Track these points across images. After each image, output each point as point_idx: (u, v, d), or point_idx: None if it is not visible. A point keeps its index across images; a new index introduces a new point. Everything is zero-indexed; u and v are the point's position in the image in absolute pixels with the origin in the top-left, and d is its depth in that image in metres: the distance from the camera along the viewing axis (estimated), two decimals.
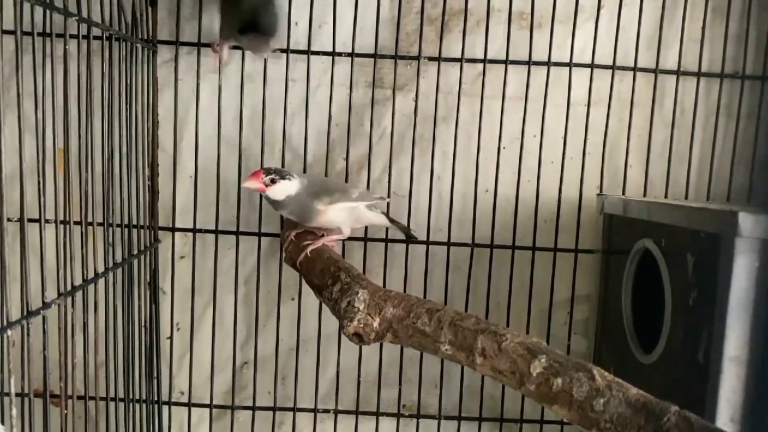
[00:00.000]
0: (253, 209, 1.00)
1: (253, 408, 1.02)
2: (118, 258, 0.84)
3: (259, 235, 1.00)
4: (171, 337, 1.01)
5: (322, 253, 0.86)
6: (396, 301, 0.74)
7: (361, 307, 0.73)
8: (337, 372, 1.01)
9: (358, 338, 0.73)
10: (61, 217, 0.69)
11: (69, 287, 0.68)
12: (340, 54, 0.97)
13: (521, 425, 1.02)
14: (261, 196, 0.99)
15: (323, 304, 0.90)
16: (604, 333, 0.94)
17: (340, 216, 0.87)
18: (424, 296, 0.99)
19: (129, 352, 0.89)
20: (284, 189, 0.84)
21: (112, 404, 0.89)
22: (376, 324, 0.73)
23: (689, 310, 0.68)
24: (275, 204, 0.86)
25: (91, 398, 0.78)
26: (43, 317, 0.61)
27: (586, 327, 1.01)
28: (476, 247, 1.00)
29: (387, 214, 0.92)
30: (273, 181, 0.84)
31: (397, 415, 1.02)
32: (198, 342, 1.01)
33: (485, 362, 0.65)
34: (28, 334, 0.58)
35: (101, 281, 0.77)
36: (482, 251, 1.00)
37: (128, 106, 0.87)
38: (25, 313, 0.59)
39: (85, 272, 0.72)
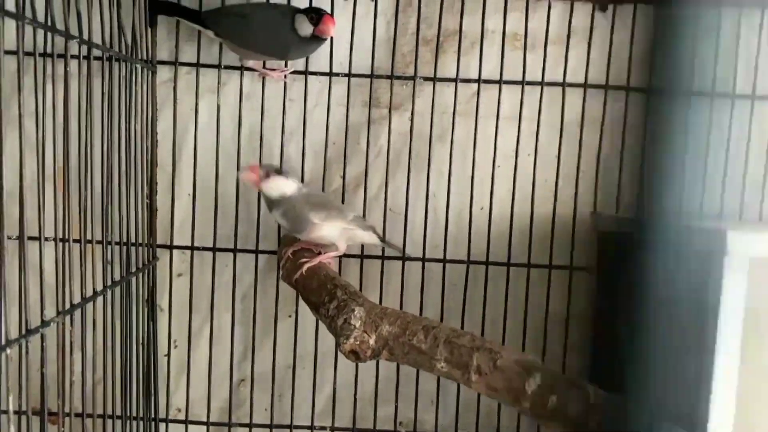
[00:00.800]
0: (251, 227, 1.00)
1: (250, 425, 1.02)
2: (117, 276, 0.85)
3: (257, 252, 1.01)
4: (168, 354, 1.02)
5: (319, 271, 0.87)
6: (392, 318, 0.74)
7: (357, 325, 0.74)
8: (334, 389, 1.01)
9: (355, 356, 0.74)
10: (60, 235, 0.70)
11: (68, 305, 0.69)
12: (337, 74, 0.99)
13: None
14: (259, 212, 1.00)
15: (320, 321, 0.91)
16: (599, 351, 0.95)
17: (334, 233, 0.88)
18: (420, 313, 1.00)
19: (126, 369, 0.89)
20: (279, 186, 0.85)
21: (109, 422, 0.89)
22: (372, 341, 0.73)
23: None
24: (269, 203, 0.86)
25: (89, 416, 0.78)
26: (42, 335, 0.62)
27: (582, 344, 1.02)
28: (472, 264, 1.01)
29: (380, 235, 0.93)
30: (268, 175, 0.84)
31: None
32: (195, 359, 1.02)
33: (480, 380, 0.65)
34: (26, 353, 0.59)
35: (99, 299, 0.78)
36: (478, 268, 1.01)
37: (127, 125, 0.88)
38: (23, 331, 0.59)
39: (84, 290, 0.73)
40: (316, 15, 0.89)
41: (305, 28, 0.89)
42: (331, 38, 0.97)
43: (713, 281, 0.63)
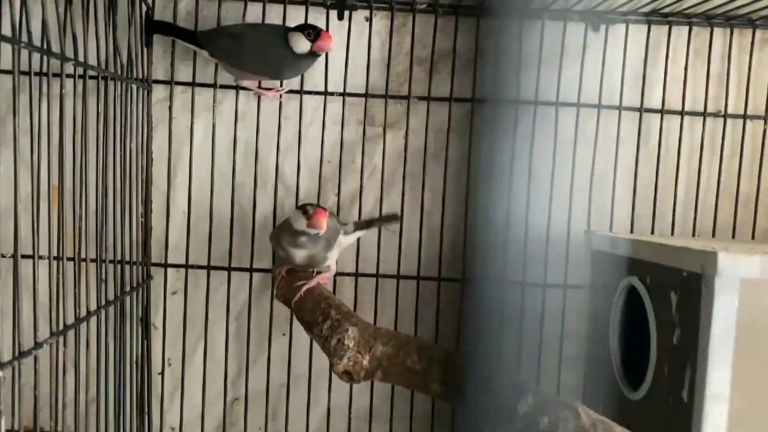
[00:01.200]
0: (246, 245, 1.00)
1: None
2: (111, 295, 0.85)
3: (251, 270, 1.01)
4: (162, 373, 1.01)
5: (313, 290, 0.87)
6: (386, 338, 0.74)
7: (351, 345, 0.74)
8: (328, 408, 1.01)
9: (348, 376, 0.74)
10: (54, 254, 0.70)
11: (62, 326, 0.69)
12: (332, 93, 0.99)
13: None
14: (253, 231, 1.00)
15: (313, 339, 0.91)
16: (593, 368, 0.95)
17: (337, 254, 0.90)
18: (415, 331, 1.00)
19: (120, 387, 0.89)
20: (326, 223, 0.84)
21: None
22: (365, 362, 0.73)
23: (673, 348, 0.69)
24: (299, 242, 0.84)
25: None
26: (35, 357, 0.62)
27: (575, 362, 1.02)
28: (466, 282, 1.01)
29: (362, 224, 0.93)
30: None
31: None
32: (189, 377, 1.01)
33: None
34: (19, 375, 0.59)
35: (93, 318, 0.78)
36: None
37: (122, 144, 0.88)
38: (17, 353, 0.59)
39: (78, 310, 0.73)
40: (313, 31, 0.90)
41: (302, 44, 0.90)
42: (326, 57, 0.98)
43: (705, 302, 0.64)
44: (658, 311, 0.73)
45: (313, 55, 0.92)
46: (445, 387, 0.69)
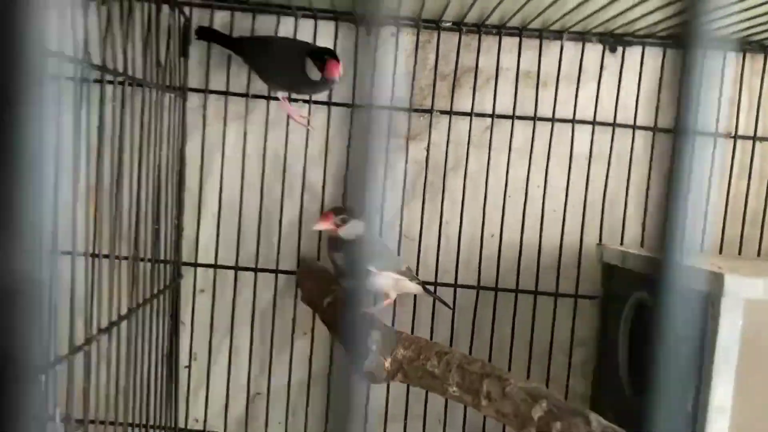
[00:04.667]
0: (272, 248, 1.05)
1: None
2: (144, 294, 0.89)
3: (276, 272, 1.05)
4: (189, 366, 1.06)
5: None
6: (407, 342, 0.79)
7: (374, 348, 0.79)
8: None
9: (370, 377, 0.78)
10: (91, 252, 0.73)
11: (96, 330, 0.72)
12: (359, 106, 1.03)
13: None
14: (280, 234, 1.04)
15: (334, 340, 0.95)
16: (602, 377, 0.99)
17: (387, 282, 0.89)
18: (431, 336, 1.04)
19: (149, 380, 0.93)
20: (356, 229, 0.85)
21: (130, 430, 0.93)
22: (387, 364, 0.78)
23: None
24: (335, 245, 0.88)
25: (111, 423, 0.82)
26: (69, 362, 0.65)
27: (584, 369, 1.06)
28: (481, 289, 1.05)
29: (427, 288, 0.94)
30: (344, 221, 0.87)
31: None
32: (214, 372, 1.06)
33: (490, 405, 0.70)
34: (54, 380, 0.63)
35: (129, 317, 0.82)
36: (487, 294, 1.05)
37: (158, 148, 0.92)
38: (52, 359, 0.63)
39: (111, 312, 0.76)
40: (320, 61, 0.90)
41: (314, 73, 0.91)
42: (354, 71, 1.02)
43: (711, 320, 0.68)
44: None
45: (327, 81, 0.91)
46: (463, 390, 0.74)
